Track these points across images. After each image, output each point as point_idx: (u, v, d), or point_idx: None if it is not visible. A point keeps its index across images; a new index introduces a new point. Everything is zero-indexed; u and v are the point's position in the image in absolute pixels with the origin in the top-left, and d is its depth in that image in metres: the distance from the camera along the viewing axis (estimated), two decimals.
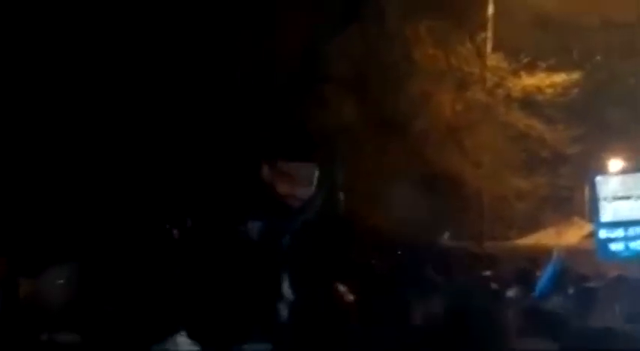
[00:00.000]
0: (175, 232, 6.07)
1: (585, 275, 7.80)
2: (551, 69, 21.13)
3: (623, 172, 12.61)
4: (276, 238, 3.46)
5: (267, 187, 3.59)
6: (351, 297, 3.81)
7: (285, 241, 3.55)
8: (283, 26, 19.25)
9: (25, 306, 3.66)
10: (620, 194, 9.72)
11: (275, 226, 3.48)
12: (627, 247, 9.46)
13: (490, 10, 20.58)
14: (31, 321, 3.72)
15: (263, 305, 2.85)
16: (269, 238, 3.38)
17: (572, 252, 11.42)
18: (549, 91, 21.24)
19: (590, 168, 15.44)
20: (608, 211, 9.67)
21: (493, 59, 21.33)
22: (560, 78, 21.10)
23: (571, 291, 6.27)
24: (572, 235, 16.90)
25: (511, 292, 7.03)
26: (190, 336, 2.72)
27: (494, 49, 21.16)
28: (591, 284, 6.89)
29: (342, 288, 3.83)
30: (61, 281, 3.84)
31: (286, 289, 3.31)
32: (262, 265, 2.96)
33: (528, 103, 21.51)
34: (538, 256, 9.61)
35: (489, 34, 21.02)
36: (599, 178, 10.12)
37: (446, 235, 9.59)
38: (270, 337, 2.85)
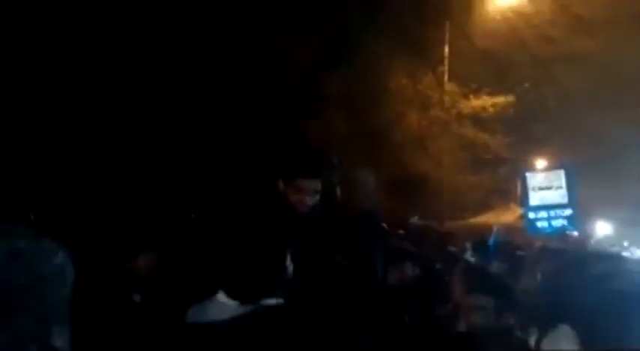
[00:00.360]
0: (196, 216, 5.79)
1: (518, 245, 7.89)
2: (492, 93, 21.20)
3: (546, 169, 12.65)
4: (288, 232, 3.36)
5: (282, 196, 3.55)
6: (345, 262, 3.75)
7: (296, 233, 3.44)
8: (290, 57, 19.11)
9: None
10: (543, 185, 9.80)
11: (287, 225, 3.41)
12: (550, 225, 9.57)
13: (446, 49, 20.61)
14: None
15: (277, 269, 2.73)
16: (282, 233, 3.25)
17: (509, 228, 11.51)
18: (491, 109, 21.33)
19: (522, 166, 15.46)
20: (535, 198, 9.76)
21: (449, 86, 21.36)
22: (499, 100, 21.18)
23: (507, 257, 6.34)
24: (509, 216, 16.95)
25: (465, 258, 7.10)
26: (227, 293, 2.61)
27: (450, 78, 21.19)
28: (522, 252, 6.98)
29: (338, 257, 3.76)
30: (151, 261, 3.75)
31: (292, 259, 3.18)
32: (277, 242, 2.83)
33: (476, 119, 21.57)
34: (485, 232, 9.66)
35: (446, 67, 21.04)
36: (528, 174, 10.17)
37: (415, 218, 9.60)
38: (282, 294, 2.68)
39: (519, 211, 15.07)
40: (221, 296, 2.62)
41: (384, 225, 5.80)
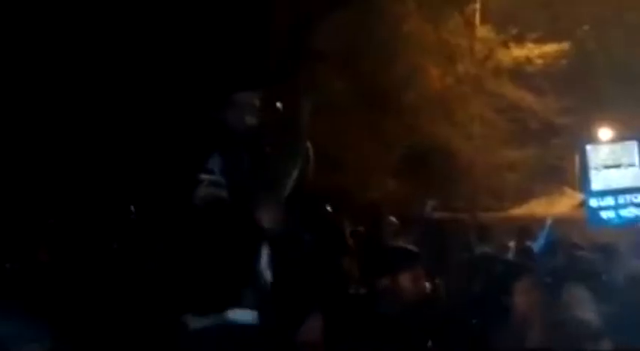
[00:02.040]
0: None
1: (575, 243, 7.85)
2: (541, 39, 21.13)
3: (613, 141, 12.63)
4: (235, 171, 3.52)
5: (216, 123, 3.69)
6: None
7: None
8: (273, 4, 19.14)
9: None
10: (609, 163, 9.81)
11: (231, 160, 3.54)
12: (618, 215, 9.57)
13: None
14: None
15: (245, 271, 2.89)
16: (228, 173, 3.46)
17: (564, 221, 11.50)
18: (539, 61, 21.26)
19: (580, 137, 15.42)
20: (599, 180, 9.76)
21: (482, 31, 21.30)
22: (549, 48, 21.11)
23: (562, 259, 6.31)
24: (563, 204, 17.00)
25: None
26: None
27: (483, 20, 21.13)
28: (582, 253, 6.94)
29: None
30: None
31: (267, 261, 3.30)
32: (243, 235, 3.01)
33: (518, 74, 21.53)
34: (533, 226, 9.65)
35: (478, 5, 20.98)
36: (589, 148, 10.19)
37: (429, 206, 9.39)
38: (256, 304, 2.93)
39: (577, 197, 15.09)
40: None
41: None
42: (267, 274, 3.33)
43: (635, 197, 9.54)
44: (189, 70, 16.56)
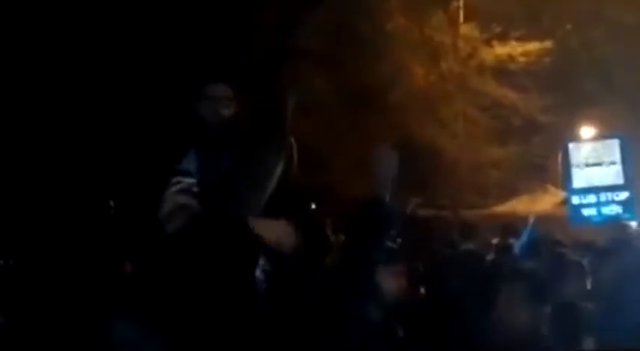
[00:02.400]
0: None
1: (558, 240, 7.92)
2: (523, 38, 21.19)
3: (595, 139, 12.71)
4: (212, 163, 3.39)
5: (192, 118, 3.57)
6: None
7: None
8: (258, 2, 19.10)
9: None
10: (591, 161, 9.89)
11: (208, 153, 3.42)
12: (599, 213, 9.65)
13: None
14: None
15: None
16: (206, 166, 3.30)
17: (546, 218, 11.55)
18: (522, 59, 21.32)
19: (563, 135, 15.50)
20: (581, 178, 9.83)
21: (465, 29, 21.33)
22: (532, 47, 21.18)
23: (544, 256, 6.36)
24: (546, 202, 17.05)
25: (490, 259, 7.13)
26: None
27: (467, 18, 21.17)
28: (563, 250, 7.00)
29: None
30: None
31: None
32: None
33: (501, 72, 21.57)
34: (516, 224, 9.69)
35: (461, 3, 21.00)
36: (571, 145, 10.28)
37: (413, 202, 9.44)
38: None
39: (559, 195, 15.16)
40: None
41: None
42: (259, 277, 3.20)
43: (617, 195, 9.62)
44: (167, 63, 16.63)
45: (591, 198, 9.74)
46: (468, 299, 4.51)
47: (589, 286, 4.80)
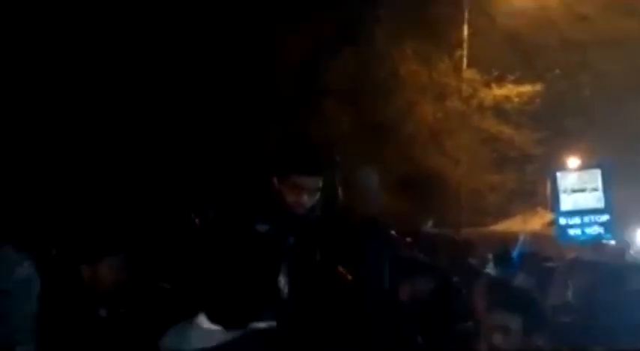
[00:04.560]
0: (198, 221, 5.85)
1: (546, 256, 7.92)
2: (518, 81, 21.21)
3: (579, 168, 12.66)
4: (283, 236, 3.32)
5: (277, 196, 3.43)
6: (349, 277, 3.74)
7: (290, 240, 3.39)
8: (287, 46, 19.20)
9: (87, 288, 3.60)
10: (576, 187, 9.85)
11: (282, 228, 3.35)
12: (583, 233, 9.61)
13: (465, 31, 20.62)
14: (90, 300, 3.62)
15: (269, 289, 2.66)
16: (276, 237, 3.14)
17: (537, 237, 11.54)
18: (516, 100, 21.32)
19: (552, 165, 15.46)
20: (567, 202, 9.80)
21: (468, 73, 21.38)
22: (525, 89, 21.17)
23: (534, 270, 6.36)
24: (536, 222, 16.96)
25: (486, 271, 7.12)
26: (209, 317, 2.50)
27: (469, 64, 21.21)
28: (551, 264, 7.01)
29: (341, 269, 3.75)
30: (116, 267, 3.77)
31: (285, 277, 3.09)
32: (270, 256, 2.75)
33: (499, 110, 21.59)
34: (509, 240, 9.69)
35: (465, 51, 21.05)
36: (559, 174, 10.24)
37: (429, 224, 9.57)
38: (275, 316, 2.61)
39: (548, 216, 15.09)
40: (202, 320, 2.51)
41: (392, 232, 5.78)
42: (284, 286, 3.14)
43: (598, 217, 9.59)
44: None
45: (576, 220, 9.70)
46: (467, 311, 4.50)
47: (571, 297, 4.80)
